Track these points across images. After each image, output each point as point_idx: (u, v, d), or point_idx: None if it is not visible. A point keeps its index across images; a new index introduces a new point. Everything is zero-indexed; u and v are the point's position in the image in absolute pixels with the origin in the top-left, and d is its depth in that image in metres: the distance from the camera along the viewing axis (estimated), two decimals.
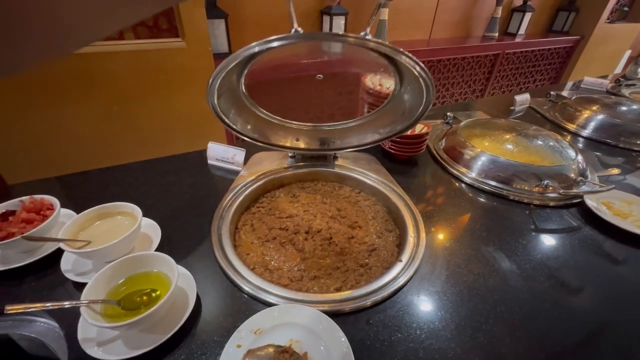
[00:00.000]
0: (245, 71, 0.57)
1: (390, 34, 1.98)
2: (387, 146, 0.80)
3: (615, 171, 0.74)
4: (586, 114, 1.04)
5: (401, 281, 0.50)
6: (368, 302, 0.47)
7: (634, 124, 0.99)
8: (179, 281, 0.45)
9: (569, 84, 1.59)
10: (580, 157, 0.77)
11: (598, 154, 0.92)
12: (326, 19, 1.71)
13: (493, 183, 0.73)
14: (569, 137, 1.00)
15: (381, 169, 0.77)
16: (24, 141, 1.10)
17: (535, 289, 0.51)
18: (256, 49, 0.46)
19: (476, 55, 2.23)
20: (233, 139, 1.54)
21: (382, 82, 0.89)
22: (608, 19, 2.63)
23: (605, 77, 1.60)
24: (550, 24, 2.73)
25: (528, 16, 2.39)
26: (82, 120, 1.15)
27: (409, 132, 0.79)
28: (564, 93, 1.30)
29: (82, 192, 0.67)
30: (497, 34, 2.32)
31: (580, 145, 0.98)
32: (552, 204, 0.70)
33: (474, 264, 0.55)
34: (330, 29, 1.73)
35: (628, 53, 3.29)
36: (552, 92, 1.20)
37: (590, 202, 0.66)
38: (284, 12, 1.59)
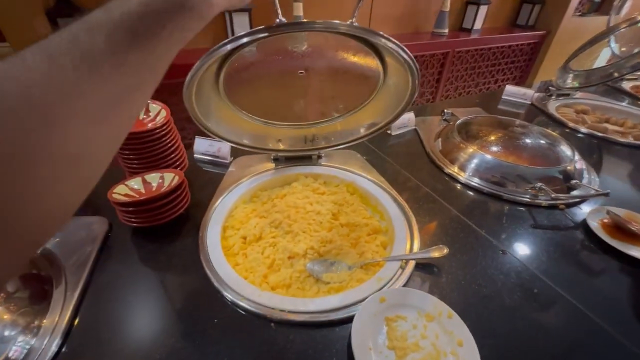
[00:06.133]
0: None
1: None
2: None
3: None
4: (468, 151, 0.78)
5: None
6: None
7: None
8: None
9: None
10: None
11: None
12: (227, 16, 1.48)
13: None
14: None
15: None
16: None
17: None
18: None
19: (420, 55, 1.98)
20: None
21: None
22: (578, 11, 2.35)
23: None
24: (514, 18, 2.45)
25: (483, 9, 2.12)
26: None
27: None
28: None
29: None
30: (446, 30, 2.06)
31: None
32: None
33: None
34: (232, 28, 1.50)
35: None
36: (445, 111, 0.96)
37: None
38: None
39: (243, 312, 0.44)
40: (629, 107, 1.13)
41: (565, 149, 0.77)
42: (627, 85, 1.34)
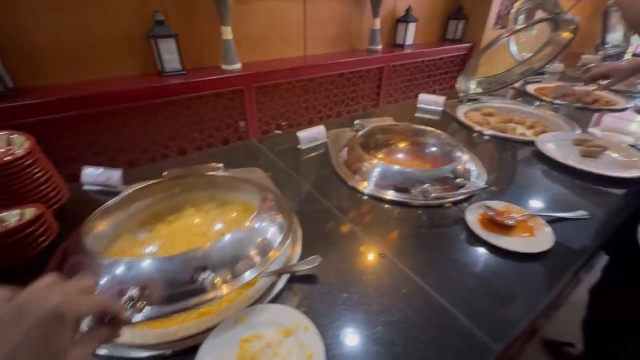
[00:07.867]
0: None
1: (254, 53, 1.77)
2: None
3: None
4: (369, 160, 0.78)
5: None
6: None
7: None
8: None
9: None
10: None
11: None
12: (153, 42, 1.46)
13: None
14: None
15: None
16: None
17: None
18: None
19: (357, 71, 2.07)
20: None
21: None
22: (498, 24, 2.59)
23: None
24: (443, 32, 2.65)
25: (412, 26, 2.27)
26: None
27: None
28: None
29: None
30: (380, 47, 2.18)
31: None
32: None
33: None
34: (159, 54, 1.48)
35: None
36: (356, 122, 0.99)
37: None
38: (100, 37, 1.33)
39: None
40: (525, 106, 1.24)
41: (457, 151, 0.81)
42: (531, 87, 1.46)
